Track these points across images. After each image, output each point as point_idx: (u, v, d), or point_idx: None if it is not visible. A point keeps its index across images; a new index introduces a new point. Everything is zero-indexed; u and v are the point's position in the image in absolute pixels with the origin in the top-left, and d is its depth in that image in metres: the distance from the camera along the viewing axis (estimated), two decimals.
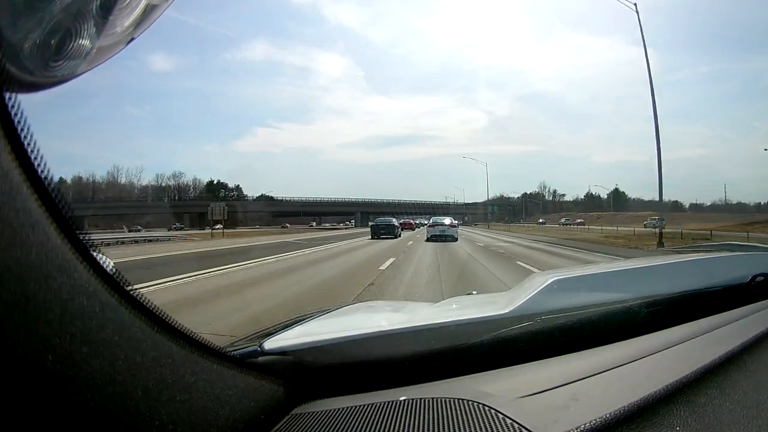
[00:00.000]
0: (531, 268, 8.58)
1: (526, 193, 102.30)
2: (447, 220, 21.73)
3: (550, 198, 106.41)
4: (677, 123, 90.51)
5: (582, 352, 0.70)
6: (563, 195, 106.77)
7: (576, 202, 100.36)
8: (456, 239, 19.59)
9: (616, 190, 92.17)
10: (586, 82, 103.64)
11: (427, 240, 19.61)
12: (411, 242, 18.76)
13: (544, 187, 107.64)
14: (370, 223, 30.13)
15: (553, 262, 11.35)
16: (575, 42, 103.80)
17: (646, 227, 38.01)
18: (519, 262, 10.35)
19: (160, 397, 0.40)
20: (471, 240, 21.24)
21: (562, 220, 70.03)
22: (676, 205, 73.13)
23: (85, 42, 0.35)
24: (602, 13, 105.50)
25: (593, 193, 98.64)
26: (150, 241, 26.21)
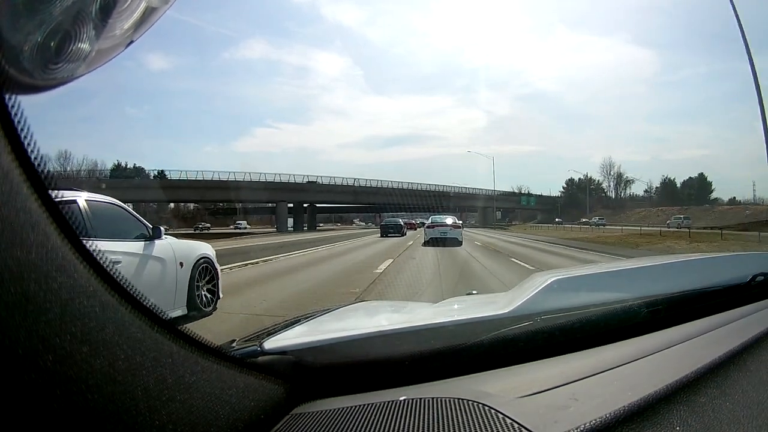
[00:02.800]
0: None
1: (588, 179, 72.36)
2: (449, 220, 17.72)
3: (612, 184, 74.96)
4: (679, 123, 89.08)
5: (582, 352, 0.70)
6: (631, 181, 75.13)
7: (648, 196, 72.61)
8: (460, 243, 15.65)
9: (702, 177, 65.82)
10: (587, 82, 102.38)
11: (425, 244, 15.67)
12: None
13: (609, 171, 74.34)
14: (380, 224, 34.72)
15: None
16: (576, 42, 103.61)
17: (669, 227, 34.10)
18: None
19: (160, 396, 0.40)
20: None
21: (595, 219, 54.54)
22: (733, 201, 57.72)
23: (85, 44, 0.35)
24: (602, 13, 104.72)
25: (671, 179, 70.94)
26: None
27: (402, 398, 0.58)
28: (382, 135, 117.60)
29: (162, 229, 4.01)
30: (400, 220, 29.80)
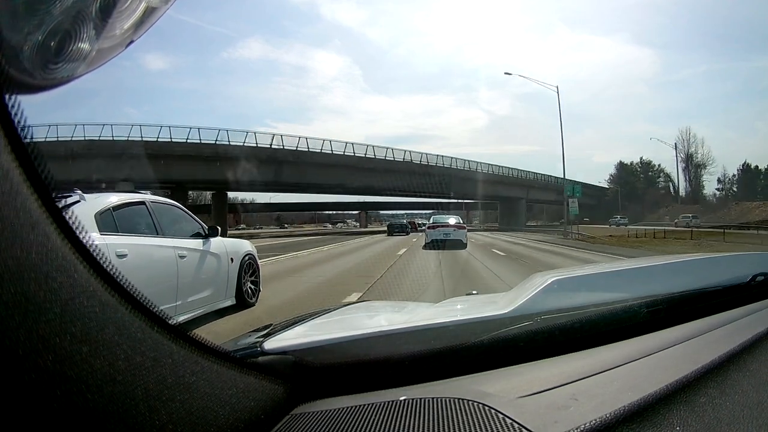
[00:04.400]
0: None
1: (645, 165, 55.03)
2: (452, 220, 15.93)
3: (685, 171, 55.00)
4: (680, 123, 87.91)
5: (582, 352, 0.70)
6: (703, 166, 55.14)
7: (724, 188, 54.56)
8: (465, 245, 14.08)
9: None
10: (587, 81, 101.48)
11: (426, 246, 14.16)
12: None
13: (686, 150, 54.17)
14: (387, 223, 36.42)
15: None
16: (576, 41, 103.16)
17: (677, 226, 32.25)
18: None
19: (160, 397, 0.40)
20: None
21: (617, 218, 44.58)
22: None
23: (85, 44, 0.35)
24: (603, 12, 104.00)
25: (754, 166, 53.23)
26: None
27: (402, 398, 0.58)
28: (383, 135, 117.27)
29: (218, 228, 4.40)
30: (405, 221, 32.79)
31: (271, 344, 0.69)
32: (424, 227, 19.77)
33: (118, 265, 1.19)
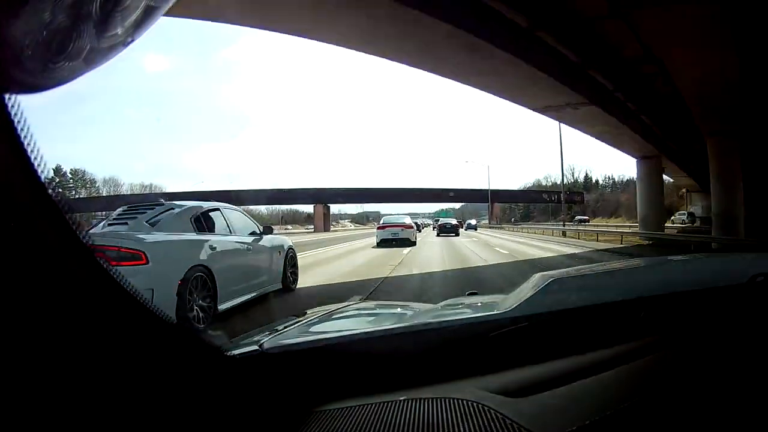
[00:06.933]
0: None
1: None
2: (407, 220, 16.75)
3: None
4: None
5: (582, 352, 0.70)
6: None
7: None
8: (414, 243, 14.96)
9: None
10: None
11: (379, 245, 14.63)
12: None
13: None
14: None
15: None
16: None
17: (673, 223, 31.91)
18: None
19: (160, 396, 0.40)
20: None
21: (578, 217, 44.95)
22: None
23: (85, 43, 0.35)
24: None
25: None
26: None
27: (402, 398, 0.58)
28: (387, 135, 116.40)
29: (272, 228, 5.63)
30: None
31: (271, 344, 0.69)
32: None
33: (212, 255, 3.61)
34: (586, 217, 46.70)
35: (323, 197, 46.08)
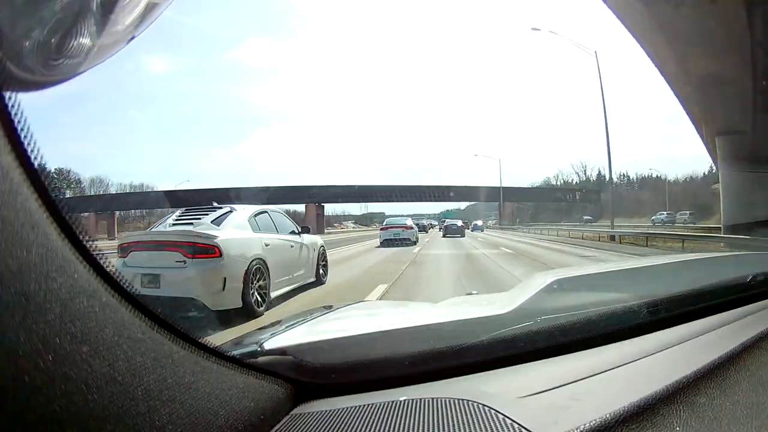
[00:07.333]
0: None
1: None
2: (408, 222, 18.10)
3: None
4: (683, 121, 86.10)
5: (582, 352, 0.70)
6: None
7: None
8: (415, 242, 16.20)
9: None
10: (594, 80, 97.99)
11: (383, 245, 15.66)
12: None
13: None
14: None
15: None
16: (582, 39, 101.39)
17: (654, 223, 30.60)
18: None
19: (160, 397, 0.40)
20: None
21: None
22: None
23: (86, 40, 0.35)
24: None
25: None
26: None
27: (402, 398, 0.58)
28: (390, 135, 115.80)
29: (309, 228, 6.52)
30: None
31: (270, 344, 0.69)
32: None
33: (267, 250, 4.48)
34: (591, 218, 45.03)
35: (310, 195, 43.84)
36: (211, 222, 4.42)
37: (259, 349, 0.67)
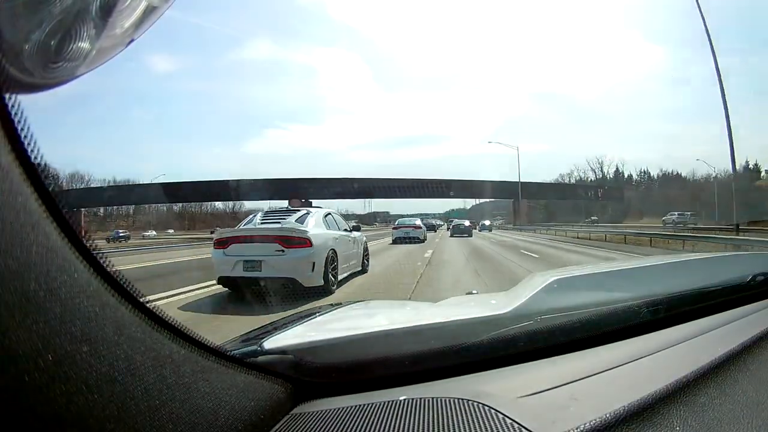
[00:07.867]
0: None
1: None
2: (417, 222, 20.50)
3: None
4: (689, 120, 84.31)
5: (582, 352, 0.70)
6: None
7: None
8: (423, 240, 18.03)
9: None
10: (600, 80, 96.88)
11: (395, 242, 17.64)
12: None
13: None
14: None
15: None
16: (587, 38, 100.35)
17: (665, 224, 30.38)
18: None
19: (160, 396, 0.40)
20: None
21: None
22: None
23: (85, 43, 0.35)
24: (617, 8, 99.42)
25: None
26: None
27: (402, 398, 0.58)
28: (395, 135, 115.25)
29: (360, 226, 8.52)
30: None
31: (271, 344, 0.69)
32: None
33: (336, 243, 6.37)
34: (596, 218, 45.05)
35: (284, 187, 40.49)
36: (295, 221, 5.81)
37: (259, 348, 0.67)
